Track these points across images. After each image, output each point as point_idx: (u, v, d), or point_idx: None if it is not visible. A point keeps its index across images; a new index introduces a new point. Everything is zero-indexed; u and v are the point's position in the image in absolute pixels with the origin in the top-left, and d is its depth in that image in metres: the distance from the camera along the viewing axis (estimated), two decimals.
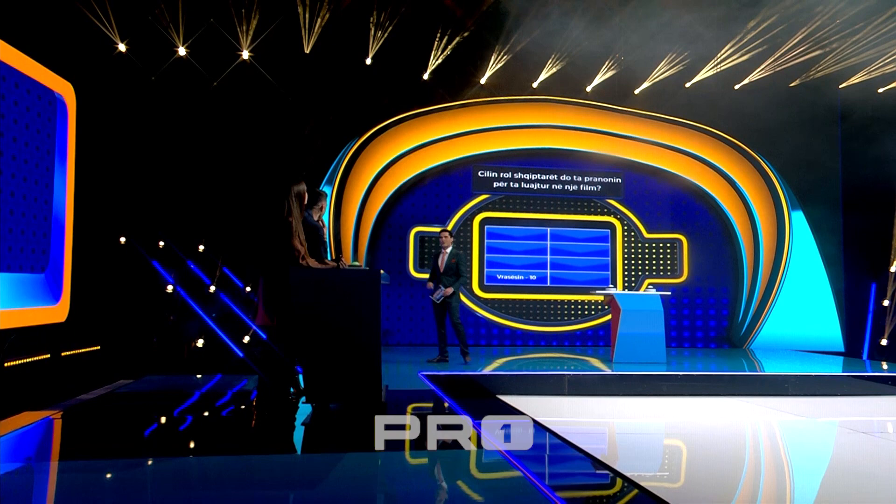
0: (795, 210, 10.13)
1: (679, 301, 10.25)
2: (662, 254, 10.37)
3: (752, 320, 10.06)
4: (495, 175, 10.16)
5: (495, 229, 10.10)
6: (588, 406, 5.89)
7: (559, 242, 10.22)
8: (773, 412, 5.70)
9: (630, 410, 5.77)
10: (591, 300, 10.07)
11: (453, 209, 10.00)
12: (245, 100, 8.57)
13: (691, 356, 8.91)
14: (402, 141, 9.68)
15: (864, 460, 4.03)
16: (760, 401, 6.16)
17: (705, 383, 6.44)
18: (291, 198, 4.26)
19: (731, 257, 10.32)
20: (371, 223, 9.55)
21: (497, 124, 10.05)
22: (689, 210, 10.39)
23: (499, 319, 9.96)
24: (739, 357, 9.06)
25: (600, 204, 10.39)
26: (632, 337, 7.47)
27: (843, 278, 10.02)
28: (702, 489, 3.32)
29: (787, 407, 5.93)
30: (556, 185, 10.29)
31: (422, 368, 7.05)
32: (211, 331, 7.11)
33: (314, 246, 4.97)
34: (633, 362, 7.43)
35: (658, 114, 10.19)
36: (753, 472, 3.82)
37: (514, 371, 6.88)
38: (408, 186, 9.85)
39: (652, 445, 4.49)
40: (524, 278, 10.11)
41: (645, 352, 7.45)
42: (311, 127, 9.06)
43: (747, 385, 6.54)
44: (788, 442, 4.76)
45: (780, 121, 9.70)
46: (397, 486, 3.17)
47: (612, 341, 7.62)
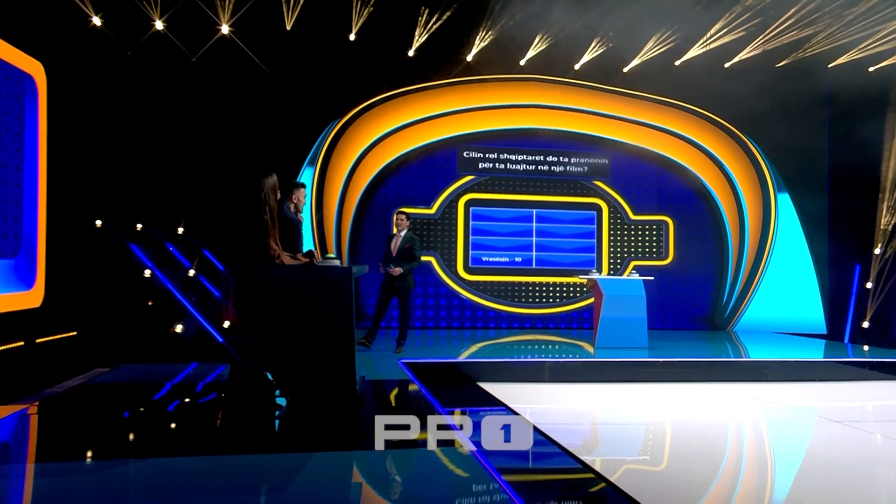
0: (781, 192, 10.13)
1: (664, 283, 10.28)
2: (648, 236, 10.36)
3: (736, 303, 10.11)
4: (481, 156, 10.07)
5: (481, 211, 10.04)
6: (568, 393, 5.92)
7: (545, 224, 10.19)
8: (752, 399, 5.74)
9: (609, 398, 5.80)
10: (577, 282, 10.08)
11: (438, 190, 9.93)
12: (225, 76, 8.39)
13: (674, 339, 8.96)
14: (387, 120, 9.55)
15: (839, 453, 4.06)
16: (739, 387, 6.22)
17: (685, 369, 6.49)
18: (265, 192, 4.17)
19: (717, 240, 10.33)
20: (354, 204, 9.46)
21: (483, 104, 9.94)
22: (676, 192, 10.37)
23: (484, 302, 9.95)
24: (722, 340, 9.12)
25: (587, 185, 10.34)
26: (614, 322, 7.49)
27: (828, 261, 10.09)
28: (674, 486, 3.34)
29: (765, 393, 5.99)
30: (542, 166, 10.22)
31: (403, 356, 7.05)
32: (191, 316, 7.05)
33: (290, 240, 4.91)
34: (615, 347, 7.48)
35: (646, 94, 10.11)
36: (726, 467, 3.85)
37: (496, 358, 6.89)
38: (392, 167, 9.76)
39: (625, 437, 4.51)
40: (509, 260, 10.09)
41: (627, 336, 7.49)
42: (294, 105, 8.91)
43: (726, 371, 6.60)
44: (764, 433, 4.79)
45: (767, 102, 9.64)
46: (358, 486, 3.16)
47: (595, 326, 7.64)
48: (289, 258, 4.31)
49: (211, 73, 8.31)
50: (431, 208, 9.88)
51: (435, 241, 9.88)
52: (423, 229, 9.84)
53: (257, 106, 8.60)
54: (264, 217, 4.12)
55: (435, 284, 9.84)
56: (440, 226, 9.91)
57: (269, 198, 4.18)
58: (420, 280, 9.78)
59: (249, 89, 8.56)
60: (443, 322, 9.84)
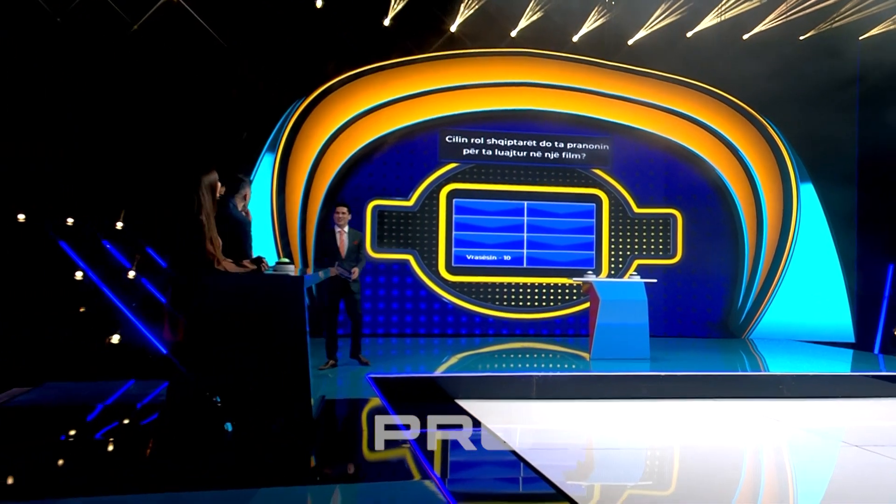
0: (805, 182, 9.96)
1: (672, 285, 10.11)
2: (654, 231, 10.20)
3: (753, 307, 9.96)
4: (465, 140, 9.87)
5: (465, 203, 9.85)
6: (559, 412, 5.74)
7: (538, 218, 10.01)
8: (768, 419, 5.57)
9: (605, 417, 5.66)
10: (574, 283, 9.90)
11: (417, 180, 9.71)
12: (172, 48, 8.10)
13: (681, 349, 8.80)
14: (358, 100, 9.31)
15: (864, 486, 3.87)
16: (754, 405, 6.05)
17: (690, 384, 6.33)
18: (202, 191, 4.02)
19: (732, 236, 10.17)
20: (321, 196, 9.22)
21: (469, 81, 9.71)
22: (686, 181, 10.20)
23: (468, 305, 9.76)
24: (736, 349, 8.97)
25: (585, 174, 10.15)
26: (612, 330, 7.33)
27: (857, 260, 9.90)
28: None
29: (784, 413, 5.82)
30: (534, 152, 10.02)
31: (372, 369, 6.86)
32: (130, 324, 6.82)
33: (238, 243, 4.72)
34: (613, 358, 7.32)
35: (653, 70, 9.91)
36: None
37: (478, 372, 6.70)
38: (364, 153, 9.51)
39: (621, 465, 4.32)
40: (497, 259, 9.90)
41: (627, 346, 7.34)
42: (252, 82, 8.65)
43: (739, 386, 6.43)
44: (784, 462, 4.61)
45: (790, 81, 9.40)
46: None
47: (591, 334, 7.47)
48: (232, 265, 4.13)
49: (155, 44, 8.02)
50: (409, 200, 9.67)
51: (413, 236, 9.67)
52: (399, 224, 9.62)
53: (210, 83, 8.32)
54: (200, 218, 3.98)
55: (413, 286, 9.63)
56: (419, 220, 9.69)
57: (205, 198, 4.04)
58: (396, 281, 9.58)
59: (201, 63, 8.27)
60: (422, 328, 9.64)
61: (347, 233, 6.70)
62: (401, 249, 9.60)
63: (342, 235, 6.67)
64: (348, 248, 6.66)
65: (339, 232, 6.66)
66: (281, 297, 3.98)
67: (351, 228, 6.73)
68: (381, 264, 9.55)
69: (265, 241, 8.68)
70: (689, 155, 10.15)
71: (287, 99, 8.94)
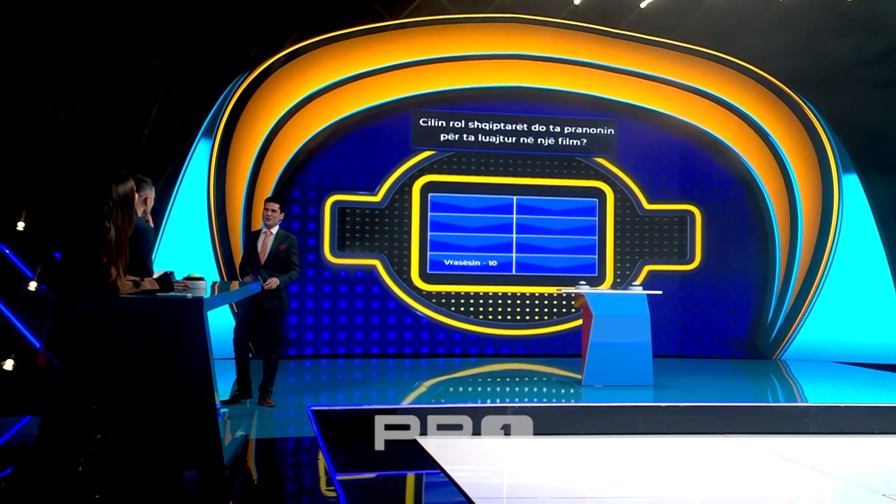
0: (848, 173, 9.93)
1: (689, 295, 10.09)
2: (667, 231, 10.16)
3: (786, 322, 9.92)
4: (443, 124, 9.86)
5: (443, 198, 9.84)
6: (537, 452, 5.74)
7: (529, 216, 9.99)
8: (782, 462, 5.54)
9: (593, 457, 5.67)
10: (561, 293, 9.86)
11: (385, 171, 9.69)
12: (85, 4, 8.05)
13: (696, 372, 8.80)
14: (314, 75, 9.32)
15: None
16: (769, 442, 6.02)
17: (695, 417, 6.34)
18: (111, 203, 3.93)
19: (761, 237, 10.12)
20: (270, 190, 9.20)
21: (447, 53, 9.71)
22: (705, 172, 10.16)
23: (446, 320, 9.74)
24: (763, 373, 8.97)
25: (586, 164, 10.11)
26: (608, 350, 7.34)
27: None
28: None
29: (804, 452, 5.79)
30: (525, 137, 10.00)
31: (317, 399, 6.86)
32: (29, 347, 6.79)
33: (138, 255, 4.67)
34: (609, 384, 7.32)
35: (668, 40, 9.88)
36: None
37: (443, 403, 6.66)
38: (322, 140, 9.49)
39: None
40: (481, 264, 9.90)
41: (625, 370, 7.36)
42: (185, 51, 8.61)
43: (751, 420, 6.40)
44: None
45: (831, 53, 9.39)
46: None
47: (583, 356, 7.47)
48: (128, 285, 4.08)
49: None
50: (376, 195, 9.64)
51: (381, 238, 9.65)
52: (364, 223, 9.61)
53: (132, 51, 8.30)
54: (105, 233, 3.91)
55: (380, 297, 9.61)
56: (388, 218, 9.67)
57: (117, 213, 3.98)
58: (360, 291, 9.57)
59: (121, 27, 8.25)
60: (391, 347, 9.61)
61: (274, 235, 6.47)
62: (366, 254, 9.57)
63: (266, 237, 6.45)
64: (270, 254, 6.39)
65: (265, 233, 6.46)
66: (176, 324, 3.92)
67: (281, 230, 6.53)
68: (342, 271, 9.52)
69: (202, 246, 8.69)
70: (711, 141, 10.10)
71: (227, 74, 8.90)
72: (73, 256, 3.96)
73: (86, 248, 3.90)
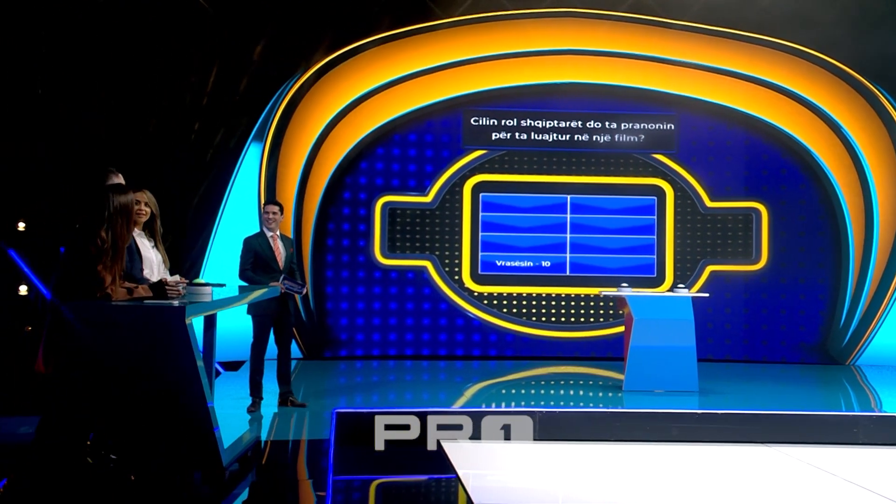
0: None
1: (754, 296, 9.76)
2: (731, 230, 9.86)
3: (861, 325, 9.50)
4: (495, 123, 9.81)
5: (494, 198, 9.80)
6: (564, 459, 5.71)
7: (584, 216, 9.86)
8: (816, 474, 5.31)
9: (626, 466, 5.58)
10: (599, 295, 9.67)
11: (436, 171, 9.72)
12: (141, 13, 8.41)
13: (756, 378, 8.55)
14: (364, 77, 9.40)
15: None
16: (813, 453, 5.76)
17: (733, 426, 6.08)
18: (109, 212, 4.09)
19: (832, 234, 9.72)
20: (320, 192, 9.37)
21: (499, 50, 9.66)
22: (773, 168, 9.82)
23: (498, 321, 9.69)
24: (832, 380, 8.71)
25: (644, 161, 9.90)
26: (649, 354, 7.17)
27: None
28: None
29: (846, 464, 5.53)
30: (580, 135, 9.86)
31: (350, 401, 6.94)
32: None
33: None
34: (651, 390, 7.17)
35: (732, 29, 9.60)
36: None
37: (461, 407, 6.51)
38: (371, 141, 9.57)
39: None
40: (534, 265, 9.81)
41: (668, 375, 7.18)
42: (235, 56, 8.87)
43: (794, 428, 6.11)
44: None
45: None
46: None
47: (625, 360, 7.35)
48: (122, 293, 4.21)
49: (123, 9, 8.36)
50: (427, 196, 9.68)
51: (432, 239, 9.67)
52: (415, 224, 9.68)
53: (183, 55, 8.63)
54: (100, 242, 4.06)
55: (431, 298, 9.64)
56: (439, 219, 9.69)
57: (115, 222, 4.13)
58: (410, 292, 9.65)
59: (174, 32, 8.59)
60: (441, 349, 9.64)
61: (280, 238, 6.46)
62: (416, 255, 9.62)
63: (275, 241, 6.41)
64: (286, 258, 6.44)
65: (272, 237, 6.40)
66: (160, 331, 4.03)
67: (282, 233, 6.51)
68: (392, 272, 9.60)
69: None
70: (777, 134, 9.77)
71: (278, 77, 9.13)
72: (69, 262, 4.14)
73: (82, 256, 4.06)
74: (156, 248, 4.76)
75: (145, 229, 4.75)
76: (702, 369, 8.31)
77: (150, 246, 4.74)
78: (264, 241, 6.41)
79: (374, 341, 9.58)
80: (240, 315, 6.63)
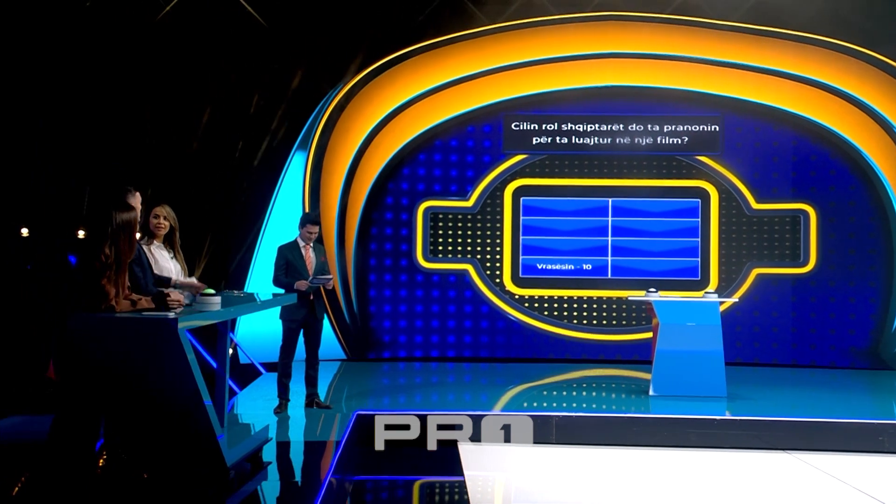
0: None
1: (802, 299, 9.58)
2: (779, 232, 9.70)
3: None
4: (535, 127, 9.87)
5: (535, 202, 9.87)
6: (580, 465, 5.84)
7: (626, 218, 9.85)
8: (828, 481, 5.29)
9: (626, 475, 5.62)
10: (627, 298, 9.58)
11: (477, 176, 9.85)
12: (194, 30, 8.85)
13: (793, 384, 8.44)
14: (407, 85, 9.57)
15: None
16: (831, 461, 5.75)
17: (749, 432, 6.13)
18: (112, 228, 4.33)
19: (883, 236, 9.46)
20: (363, 198, 9.62)
21: (540, 55, 9.68)
22: (821, 169, 9.64)
23: (539, 324, 9.77)
24: (879, 386, 8.51)
25: (687, 163, 9.82)
26: (675, 359, 7.19)
27: None
28: None
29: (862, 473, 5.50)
30: (621, 138, 9.85)
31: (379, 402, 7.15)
32: None
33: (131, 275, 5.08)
34: (678, 395, 7.19)
35: (779, 28, 9.43)
36: None
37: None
38: (413, 147, 9.78)
39: None
40: (576, 268, 9.84)
41: (695, 380, 7.18)
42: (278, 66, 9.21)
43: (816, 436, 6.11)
44: None
45: None
46: None
47: (652, 365, 7.39)
48: (127, 303, 4.48)
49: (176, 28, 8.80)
50: (468, 200, 9.84)
51: (473, 243, 9.82)
52: (456, 228, 9.85)
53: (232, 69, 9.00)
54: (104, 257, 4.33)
55: (472, 301, 9.80)
56: (480, 223, 9.82)
57: (117, 237, 4.38)
58: (452, 295, 9.84)
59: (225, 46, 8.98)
60: (483, 351, 9.78)
61: (313, 248, 6.81)
62: (458, 258, 9.79)
63: (307, 251, 6.75)
64: (316, 265, 6.73)
65: (304, 248, 6.76)
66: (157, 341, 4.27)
67: (316, 244, 6.88)
68: (434, 276, 9.79)
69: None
70: (826, 134, 9.57)
71: (321, 86, 9.40)
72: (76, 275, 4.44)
73: (87, 270, 4.36)
74: (174, 259, 5.05)
75: (165, 241, 5.06)
76: (744, 374, 8.35)
77: (170, 257, 5.03)
78: (297, 249, 6.75)
79: (417, 343, 9.80)
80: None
